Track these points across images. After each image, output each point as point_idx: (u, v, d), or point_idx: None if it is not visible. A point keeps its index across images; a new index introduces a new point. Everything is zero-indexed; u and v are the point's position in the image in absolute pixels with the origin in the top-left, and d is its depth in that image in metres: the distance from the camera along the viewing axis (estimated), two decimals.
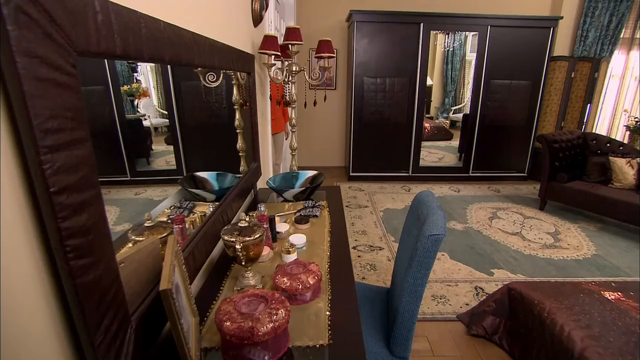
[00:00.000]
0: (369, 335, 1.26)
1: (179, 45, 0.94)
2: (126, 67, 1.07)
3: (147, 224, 0.98)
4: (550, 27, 4.44)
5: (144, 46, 0.73)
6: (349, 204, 3.91)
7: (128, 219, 0.98)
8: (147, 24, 0.74)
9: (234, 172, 1.82)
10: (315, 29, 4.73)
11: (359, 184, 4.64)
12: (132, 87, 1.10)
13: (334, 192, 1.97)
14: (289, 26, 2.29)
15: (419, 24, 4.27)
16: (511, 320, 1.90)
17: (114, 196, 1.01)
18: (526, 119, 4.77)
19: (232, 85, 1.78)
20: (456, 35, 5.36)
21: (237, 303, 0.87)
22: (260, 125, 2.25)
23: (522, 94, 4.68)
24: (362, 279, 2.48)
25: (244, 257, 1.06)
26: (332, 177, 4.89)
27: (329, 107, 5.19)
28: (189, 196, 1.41)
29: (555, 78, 4.73)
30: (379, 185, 4.59)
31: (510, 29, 4.39)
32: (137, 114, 1.16)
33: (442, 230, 1.03)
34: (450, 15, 4.33)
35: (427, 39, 4.34)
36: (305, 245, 1.32)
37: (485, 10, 4.56)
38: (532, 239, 3.20)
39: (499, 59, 4.47)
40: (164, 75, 1.24)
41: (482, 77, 4.53)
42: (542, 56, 4.54)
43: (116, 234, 0.91)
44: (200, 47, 1.10)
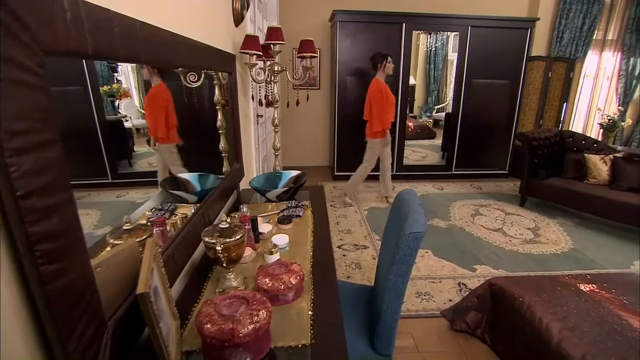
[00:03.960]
0: (352, 334, 1.27)
1: (156, 45, 0.92)
2: (106, 67, 1.04)
3: (126, 227, 0.96)
4: (528, 28, 4.55)
5: (117, 45, 0.72)
6: (334, 204, 3.92)
7: (109, 222, 0.96)
8: (120, 23, 0.72)
9: (217, 173, 1.80)
10: (299, 28, 4.72)
11: (344, 183, 4.64)
12: (112, 87, 1.08)
13: (318, 191, 1.97)
14: (271, 26, 2.28)
15: (401, 24, 4.31)
16: (493, 315, 1.94)
17: (95, 199, 0.99)
18: (506, 118, 4.88)
19: (214, 85, 1.77)
20: (438, 36, 5.44)
21: (218, 305, 0.87)
22: (242, 126, 2.24)
23: (502, 93, 4.78)
24: (347, 277, 2.49)
25: (225, 258, 1.05)
26: (317, 177, 4.89)
27: (313, 106, 5.19)
28: (171, 198, 1.39)
29: (534, 77, 4.85)
30: (363, 184, 4.60)
31: (490, 29, 4.48)
32: (118, 115, 1.13)
33: (423, 227, 1.04)
34: (431, 16, 4.39)
35: (410, 39, 4.39)
36: (288, 245, 1.32)
37: (466, 11, 4.64)
38: (513, 234, 3.27)
39: (479, 59, 4.56)
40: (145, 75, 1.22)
41: (463, 76, 4.61)
42: (520, 56, 4.65)
43: (96, 237, 0.89)
44: (179, 47, 1.09)
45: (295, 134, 5.30)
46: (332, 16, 4.39)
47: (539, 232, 3.34)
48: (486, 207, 3.93)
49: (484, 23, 4.45)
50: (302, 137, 5.34)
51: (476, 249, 2.97)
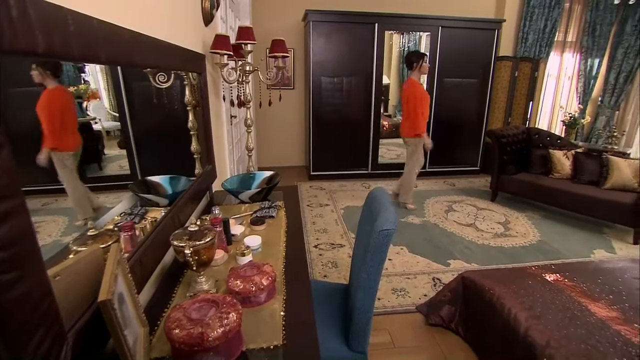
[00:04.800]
0: (327, 332, 1.27)
1: (117, 44, 0.89)
2: (72, 67, 1.00)
3: (90, 233, 0.93)
4: (495, 29, 4.72)
5: (73, 44, 0.69)
6: (310, 203, 3.92)
7: (77, 228, 0.93)
8: (76, 21, 0.70)
9: (189, 175, 1.77)
10: (272, 28, 4.69)
11: (319, 182, 4.67)
12: (79, 88, 1.04)
13: (292, 192, 1.97)
14: (242, 25, 2.26)
15: (373, 24, 4.37)
16: (465, 308, 2.00)
17: (62, 205, 0.95)
18: (477, 116, 5.03)
19: (184, 85, 1.73)
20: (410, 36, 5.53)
21: (187, 309, 0.85)
22: (214, 126, 2.20)
23: (472, 92, 4.93)
24: (324, 277, 2.50)
25: (195, 261, 1.03)
26: (293, 177, 4.88)
27: (288, 106, 5.17)
28: (142, 202, 1.36)
29: (502, 77, 5.02)
30: (339, 184, 4.65)
31: (459, 29, 4.61)
32: (87, 117, 1.09)
33: (393, 225, 1.06)
34: (403, 16, 4.47)
35: (382, 39, 4.45)
36: (260, 246, 1.31)
37: (436, 11, 4.74)
38: (484, 229, 3.38)
39: (450, 59, 4.68)
40: (114, 76, 1.18)
41: (435, 75, 4.72)
42: (489, 56, 4.81)
43: (63, 245, 0.85)
44: (143, 47, 1.06)
45: (271, 134, 5.27)
46: (305, 16, 4.39)
47: (509, 225, 3.47)
48: (459, 203, 4.04)
49: (453, 24, 4.57)
50: (278, 138, 5.32)
51: (450, 244, 3.04)
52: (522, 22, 5.10)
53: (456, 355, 1.86)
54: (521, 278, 1.91)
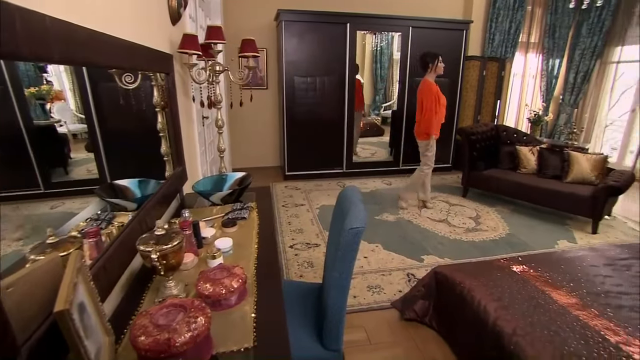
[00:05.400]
0: (301, 332, 1.27)
1: (73, 43, 0.86)
2: (32, 67, 0.96)
3: (49, 241, 0.89)
4: (463, 30, 4.85)
5: (21, 42, 0.66)
6: (285, 204, 3.91)
7: (41, 237, 0.88)
8: (24, 18, 0.67)
9: (160, 178, 1.73)
10: (244, 27, 4.63)
11: (295, 182, 4.66)
12: (41, 89, 0.99)
13: (264, 192, 1.95)
14: (211, 25, 2.23)
15: (345, 24, 4.40)
16: (438, 302, 2.05)
17: (24, 212, 0.91)
18: (448, 114, 5.13)
19: (152, 86, 1.69)
20: (383, 36, 5.61)
21: (154, 315, 0.83)
22: (184, 128, 2.16)
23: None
24: (300, 277, 2.50)
25: (162, 266, 1.00)
26: (269, 178, 4.85)
27: (261, 106, 5.13)
28: (111, 207, 1.32)
29: (471, 76, 5.17)
30: (315, 183, 4.65)
31: (429, 30, 4.72)
32: (51, 119, 1.05)
33: (362, 223, 1.07)
34: (374, 16, 4.52)
35: (354, 39, 4.48)
36: (231, 248, 1.30)
37: (407, 12, 4.83)
38: (457, 224, 3.47)
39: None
40: (80, 77, 1.13)
41: (406, 75, 4.80)
42: (458, 56, 4.94)
43: (21, 255, 0.81)
44: (102, 46, 1.02)
45: (245, 135, 5.21)
46: (277, 15, 4.36)
47: (480, 220, 3.58)
48: (432, 199, 4.12)
49: (423, 24, 4.67)
50: (253, 138, 5.27)
51: (424, 240, 3.11)
52: (489, 23, 5.27)
53: (430, 348, 1.91)
54: (490, 271, 1.98)
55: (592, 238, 3.24)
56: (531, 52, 5.79)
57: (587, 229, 3.38)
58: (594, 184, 3.46)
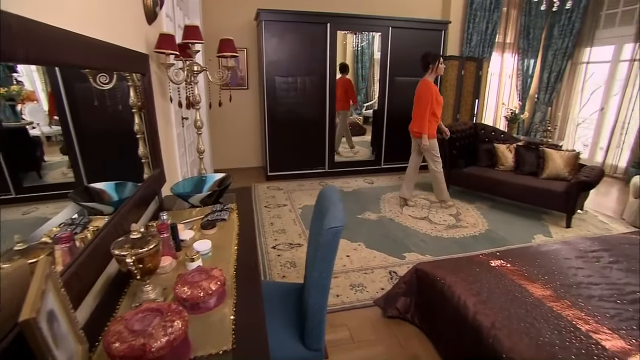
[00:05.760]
0: (283, 332, 1.27)
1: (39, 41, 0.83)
2: (1, 66, 0.92)
3: (17, 248, 0.86)
4: (442, 30, 4.94)
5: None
6: (268, 204, 3.89)
7: (12, 244, 0.85)
8: None
9: (138, 180, 1.69)
10: (223, 27, 4.58)
11: (277, 183, 4.64)
12: (10, 89, 0.95)
13: (245, 193, 1.94)
14: (188, 24, 2.19)
15: (325, 24, 4.40)
16: (420, 298, 2.07)
17: None
18: None
19: (128, 87, 1.65)
20: (364, 35, 5.65)
21: (129, 321, 0.81)
22: (162, 129, 2.12)
23: None
24: (283, 277, 2.49)
25: (138, 270, 0.98)
26: (251, 178, 4.82)
27: (243, 107, 5.09)
28: (85, 211, 1.28)
29: (449, 75, 5.26)
30: (297, 183, 4.65)
31: (409, 30, 4.78)
32: (22, 121, 1.01)
33: (341, 222, 1.08)
34: (354, 16, 4.55)
35: (335, 39, 4.50)
36: (210, 250, 1.28)
37: (386, 12, 4.88)
38: (437, 221, 3.53)
39: (400, 58, 4.83)
40: (53, 77, 1.09)
41: (386, 74, 4.85)
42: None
43: None
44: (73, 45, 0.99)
45: (226, 136, 5.15)
46: (257, 15, 4.33)
47: (460, 217, 3.65)
48: (413, 197, 4.18)
49: (402, 24, 4.73)
50: (234, 139, 5.22)
51: (405, 238, 3.15)
52: (466, 24, 5.38)
53: (412, 344, 1.93)
54: (470, 266, 2.02)
55: (566, 232, 3.35)
56: (507, 52, 5.95)
57: (561, 223, 3.50)
58: (567, 179, 3.59)
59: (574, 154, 3.73)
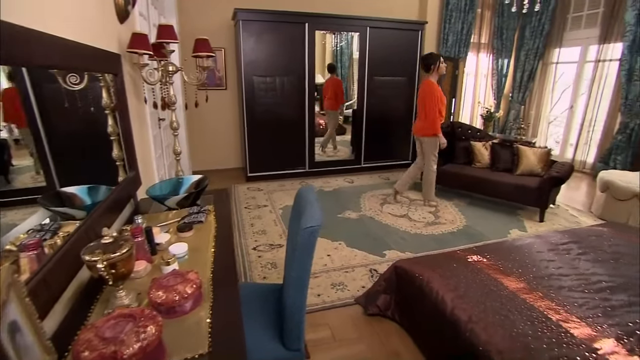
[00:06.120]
0: (262, 333, 1.26)
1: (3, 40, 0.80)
2: None
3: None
4: (419, 30, 5.02)
5: None
6: (248, 205, 3.86)
7: None
8: None
9: (113, 184, 1.65)
10: (200, 27, 4.50)
11: (257, 184, 4.61)
12: None
13: (223, 194, 1.92)
14: (162, 23, 2.15)
15: (303, 24, 4.40)
16: (399, 295, 2.10)
17: None
18: (406, 112, 5.32)
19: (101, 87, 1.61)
20: (343, 35, 5.67)
21: (100, 328, 0.79)
22: (137, 130, 2.07)
23: (400, 89, 5.20)
24: (264, 278, 2.48)
25: (111, 276, 0.96)
26: (230, 179, 4.76)
27: (221, 107, 5.03)
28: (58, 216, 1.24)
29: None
30: (278, 184, 4.63)
31: (386, 30, 4.83)
32: None
33: (318, 221, 1.08)
34: (332, 16, 4.56)
35: (313, 39, 4.50)
36: (187, 253, 1.26)
37: (364, 12, 4.92)
38: (417, 219, 3.58)
39: (378, 58, 4.88)
40: (19, 77, 1.05)
41: (365, 74, 4.89)
42: (414, 55, 5.10)
43: None
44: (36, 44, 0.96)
45: (205, 137, 5.08)
46: (234, 14, 4.29)
47: (439, 214, 3.72)
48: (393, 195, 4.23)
49: (380, 24, 4.77)
50: (213, 140, 5.15)
51: (385, 236, 3.18)
52: (443, 24, 5.49)
53: (393, 341, 1.96)
54: (448, 262, 2.06)
55: (540, 226, 3.47)
56: (482, 52, 6.10)
57: (535, 217, 3.61)
58: (540, 175, 3.71)
59: (546, 150, 3.86)
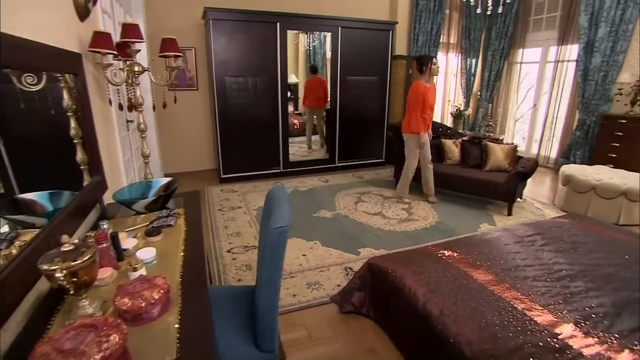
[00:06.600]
0: (235, 336, 1.25)
1: None
2: None
3: None
4: (389, 30, 5.09)
5: None
6: (222, 207, 3.80)
7: None
8: None
9: (77, 189, 1.58)
10: (169, 26, 4.40)
11: (231, 185, 4.54)
12: None
13: (193, 197, 1.88)
14: (126, 22, 2.08)
15: (275, 24, 4.38)
16: (373, 292, 2.13)
17: None
18: (379, 111, 5.40)
19: (61, 88, 1.54)
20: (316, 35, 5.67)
21: (59, 340, 0.76)
22: (102, 133, 2.00)
23: (373, 89, 5.26)
24: (239, 281, 2.45)
25: (72, 284, 0.92)
26: (204, 181, 4.68)
27: (193, 108, 4.93)
28: (18, 225, 1.18)
29: (398, 74, 5.45)
30: (252, 185, 4.58)
31: (358, 30, 4.88)
32: None
33: (287, 221, 1.08)
34: (304, 16, 4.56)
35: (285, 38, 4.48)
36: (155, 258, 1.23)
37: (336, 12, 4.95)
38: (390, 216, 3.64)
39: (351, 58, 4.92)
40: None
41: (338, 74, 4.92)
42: (386, 55, 5.18)
43: None
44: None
45: (177, 138, 4.96)
46: (204, 14, 4.21)
47: (412, 210, 3.79)
48: (367, 194, 4.29)
49: (352, 24, 4.82)
50: (186, 141, 5.03)
51: (360, 234, 3.22)
52: (413, 25, 5.60)
53: (368, 338, 1.98)
54: (420, 257, 2.11)
55: (508, 219, 3.60)
56: (451, 52, 6.27)
57: (504, 211, 3.75)
58: (507, 171, 3.85)
59: (512, 147, 4.02)
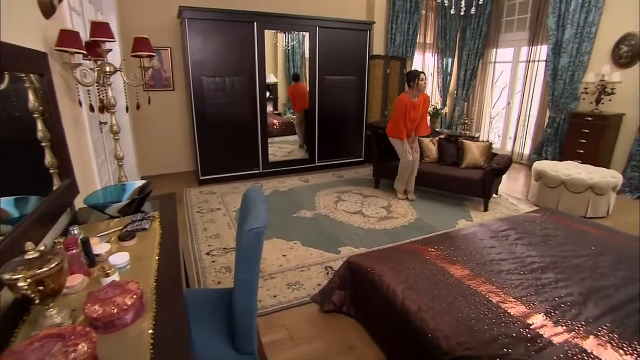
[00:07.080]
0: (213, 339, 1.24)
1: None
2: None
3: None
4: (367, 30, 5.13)
5: None
6: (200, 209, 3.74)
7: None
8: None
9: (46, 194, 1.52)
10: (144, 25, 4.28)
11: (210, 187, 4.48)
12: None
13: (169, 199, 1.84)
14: (95, 20, 2.02)
15: (252, 23, 4.33)
16: (353, 290, 2.14)
17: None
18: (357, 110, 5.43)
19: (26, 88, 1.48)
20: (294, 35, 5.66)
21: (22, 353, 0.73)
22: (73, 135, 1.94)
23: (351, 88, 5.30)
24: (218, 283, 2.42)
25: (37, 294, 0.89)
26: (182, 183, 4.59)
27: (169, 109, 4.83)
28: None
29: (376, 73, 5.50)
30: (231, 186, 4.53)
31: (335, 30, 4.89)
32: None
33: (262, 222, 1.07)
34: (281, 16, 4.54)
35: (262, 38, 4.45)
36: (128, 263, 1.20)
37: (313, 12, 4.94)
38: (370, 214, 3.67)
39: (329, 57, 4.93)
40: None
41: (316, 73, 4.92)
42: (363, 55, 5.22)
43: None
44: None
45: (154, 140, 4.84)
46: (179, 13, 4.12)
47: (391, 209, 3.83)
48: (347, 193, 4.31)
49: (329, 24, 4.82)
50: (163, 143, 4.92)
51: (340, 233, 3.23)
52: (390, 25, 5.66)
53: (349, 336, 1.99)
54: (398, 255, 2.14)
55: (484, 215, 3.70)
56: (428, 51, 6.38)
57: (480, 207, 3.85)
58: (483, 167, 3.95)
59: (487, 144, 4.12)
